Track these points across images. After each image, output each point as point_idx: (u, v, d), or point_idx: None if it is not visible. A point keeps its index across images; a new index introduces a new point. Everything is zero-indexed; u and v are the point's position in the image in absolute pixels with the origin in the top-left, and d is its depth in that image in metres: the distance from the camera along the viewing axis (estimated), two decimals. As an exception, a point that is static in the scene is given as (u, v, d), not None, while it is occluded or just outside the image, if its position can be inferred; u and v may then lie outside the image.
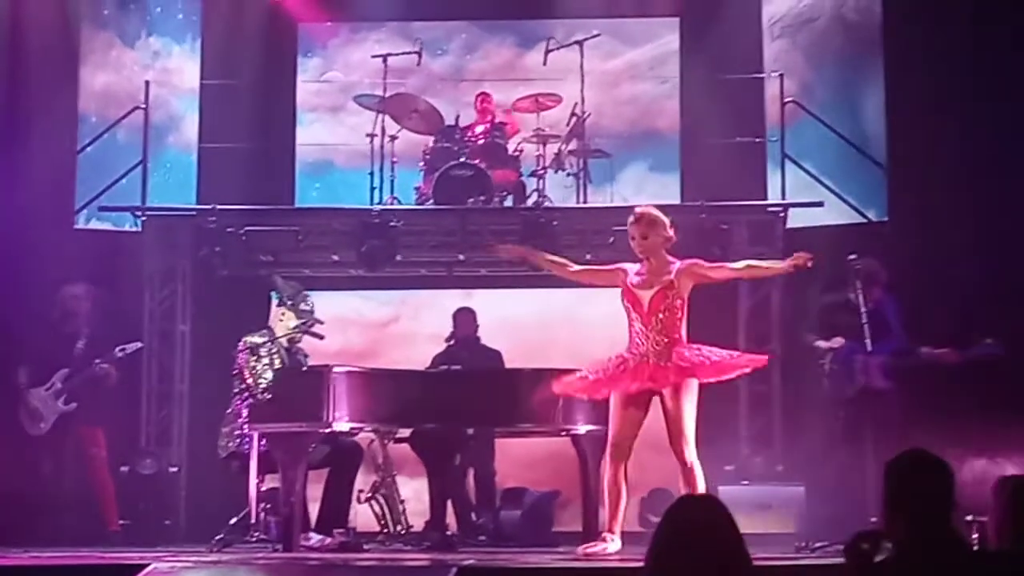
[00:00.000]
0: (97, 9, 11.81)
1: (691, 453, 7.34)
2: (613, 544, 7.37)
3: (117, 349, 9.90)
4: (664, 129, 12.06)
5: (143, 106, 11.29)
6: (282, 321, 8.98)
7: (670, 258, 7.59)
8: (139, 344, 10.06)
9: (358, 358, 8.97)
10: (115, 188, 11.31)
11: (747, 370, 7.71)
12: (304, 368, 8.79)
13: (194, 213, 11.31)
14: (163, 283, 11.38)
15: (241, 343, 8.93)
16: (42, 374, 9.93)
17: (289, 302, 9.00)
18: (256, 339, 8.90)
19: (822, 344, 9.49)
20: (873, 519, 8.57)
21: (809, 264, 7.63)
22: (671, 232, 7.62)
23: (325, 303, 11.17)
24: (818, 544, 8.52)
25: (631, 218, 7.70)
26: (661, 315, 7.42)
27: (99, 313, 10.16)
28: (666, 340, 7.41)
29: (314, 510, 8.72)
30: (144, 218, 11.18)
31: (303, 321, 8.93)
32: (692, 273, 7.57)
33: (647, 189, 11.77)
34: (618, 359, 7.46)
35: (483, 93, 11.52)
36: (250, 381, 8.77)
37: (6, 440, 9.85)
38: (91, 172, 11.46)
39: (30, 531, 9.29)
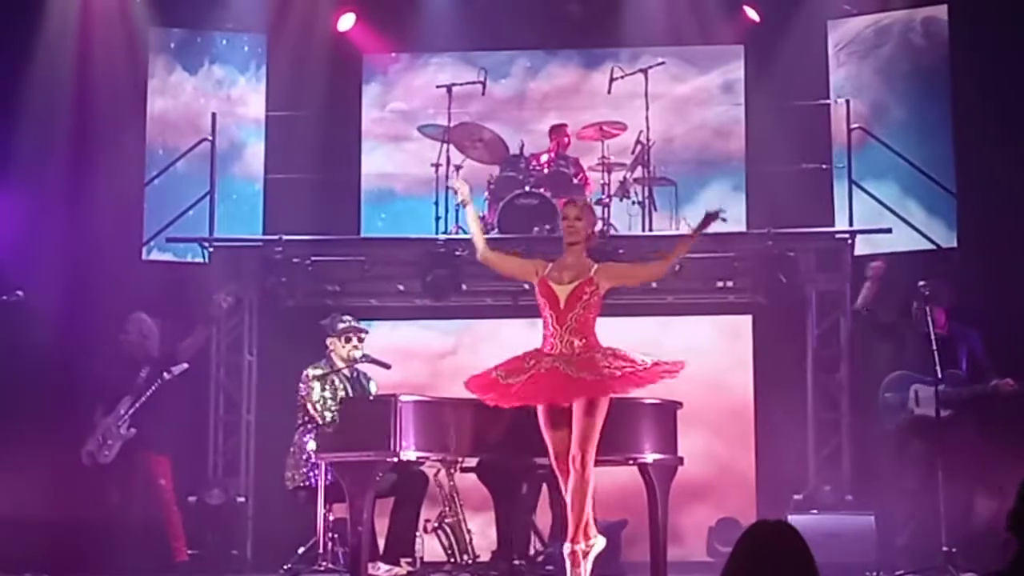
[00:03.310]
0: (163, 40, 11.92)
1: (590, 465, 7.20)
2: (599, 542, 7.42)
3: (164, 372, 9.92)
4: (730, 156, 11.99)
5: (210, 138, 11.37)
6: (335, 351, 9.02)
7: (589, 259, 7.48)
8: (185, 365, 10.01)
9: (417, 390, 8.94)
10: (178, 218, 11.38)
11: (667, 378, 7.38)
12: (371, 395, 8.81)
13: (260, 243, 11.35)
14: (230, 313, 11.41)
15: (303, 375, 8.95)
16: (110, 403, 9.98)
17: (331, 331, 9.05)
18: (317, 371, 8.93)
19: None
20: (945, 548, 8.51)
21: (721, 216, 7.58)
22: (596, 230, 7.59)
23: (388, 333, 11.22)
24: (890, 574, 8.44)
25: (565, 202, 7.69)
26: (577, 312, 7.27)
27: (166, 343, 10.20)
28: (579, 342, 7.25)
29: (381, 540, 8.71)
30: (211, 249, 11.23)
31: (356, 339, 8.98)
32: (611, 272, 7.48)
33: (713, 216, 11.72)
34: (531, 359, 7.31)
35: (561, 125, 11.41)
36: (315, 413, 8.78)
37: (75, 469, 9.90)
38: (155, 202, 11.55)
39: (100, 561, 9.36)
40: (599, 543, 7.45)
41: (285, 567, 8.75)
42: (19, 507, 9.49)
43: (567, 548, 7.33)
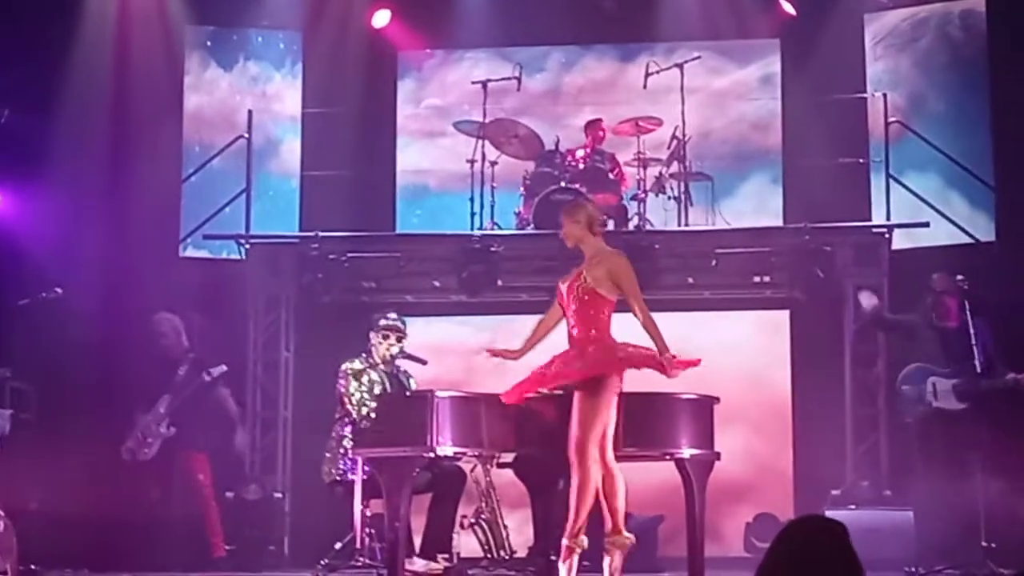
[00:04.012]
0: (199, 38, 11.97)
1: (585, 458, 7.15)
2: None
3: (204, 373, 9.97)
4: (768, 149, 11.94)
5: (246, 135, 11.40)
6: (375, 346, 9.02)
7: (608, 248, 7.47)
8: (224, 367, 10.07)
9: (452, 386, 8.91)
10: (215, 215, 11.42)
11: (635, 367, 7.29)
12: (409, 391, 8.82)
13: (297, 240, 11.39)
14: (267, 310, 11.46)
15: (341, 369, 8.96)
16: (148, 401, 10.02)
17: (374, 327, 9.07)
18: (356, 365, 8.93)
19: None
20: (984, 544, 8.46)
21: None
22: (593, 220, 7.46)
23: (424, 329, 11.21)
24: (929, 570, 8.39)
25: None
26: (575, 307, 7.33)
27: (202, 340, 10.24)
28: (582, 335, 7.28)
29: (418, 536, 8.71)
30: (248, 246, 11.27)
31: (399, 342, 8.97)
32: (605, 269, 7.30)
33: (749, 210, 11.68)
34: (552, 358, 7.40)
35: (596, 120, 11.37)
36: (351, 407, 8.79)
37: (115, 466, 9.95)
38: (191, 199, 11.60)
39: (139, 556, 9.40)
40: (621, 541, 7.44)
41: (322, 562, 8.76)
42: (60, 504, 9.54)
43: (564, 542, 7.32)
